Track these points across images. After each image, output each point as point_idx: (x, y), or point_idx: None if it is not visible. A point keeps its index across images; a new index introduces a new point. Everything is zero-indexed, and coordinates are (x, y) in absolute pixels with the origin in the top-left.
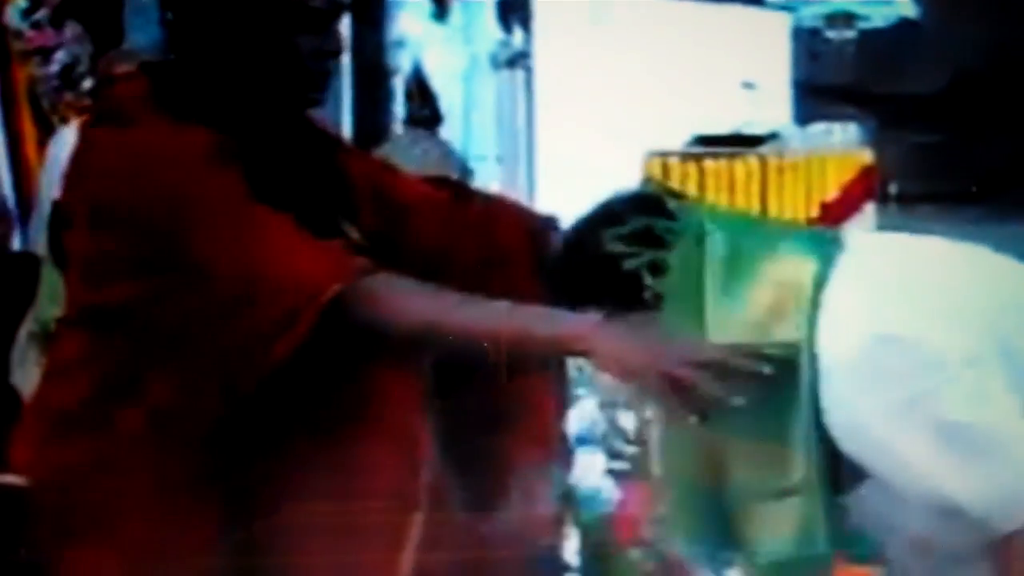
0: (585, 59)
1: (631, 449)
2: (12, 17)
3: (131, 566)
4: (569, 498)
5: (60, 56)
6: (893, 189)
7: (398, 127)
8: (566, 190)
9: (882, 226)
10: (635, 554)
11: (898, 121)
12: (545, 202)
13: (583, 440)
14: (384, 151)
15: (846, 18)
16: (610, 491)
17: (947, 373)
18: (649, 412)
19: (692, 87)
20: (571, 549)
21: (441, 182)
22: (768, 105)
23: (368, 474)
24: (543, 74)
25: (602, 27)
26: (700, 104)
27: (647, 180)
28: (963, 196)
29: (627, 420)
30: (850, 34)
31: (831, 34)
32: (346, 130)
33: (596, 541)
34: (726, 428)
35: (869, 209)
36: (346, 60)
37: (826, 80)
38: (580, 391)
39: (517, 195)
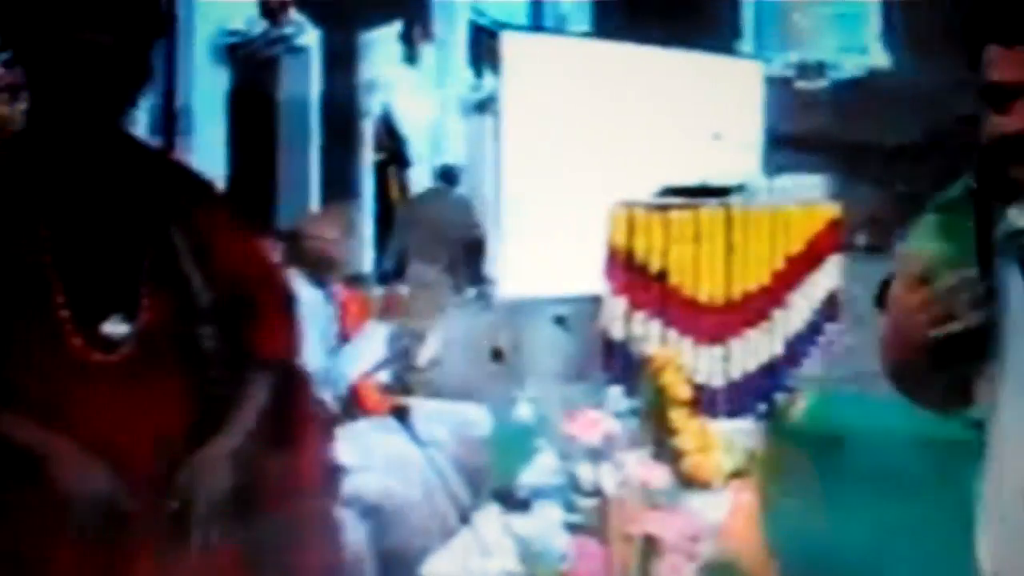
0: (554, 106)
1: (589, 502)
2: None
3: None
4: (527, 551)
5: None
6: (861, 240)
7: (368, 171)
8: (532, 236)
9: (851, 277)
10: None
11: (868, 172)
12: (510, 247)
13: (540, 493)
14: (409, 206)
15: (818, 68)
16: (565, 546)
17: None
18: (605, 466)
19: (663, 137)
20: None
21: None
22: (738, 155)
23: None
24: (511, 120)
25: (573, 74)
26: (670, 154)
27: None
28: None
29: (586, 472)
30: (822, 84)
31: (803, 84)
32: (314, 170)
33: None
34: None
35: (834, 261)
36: (316, 102)
37: (797, 130)
38: (539, 442)
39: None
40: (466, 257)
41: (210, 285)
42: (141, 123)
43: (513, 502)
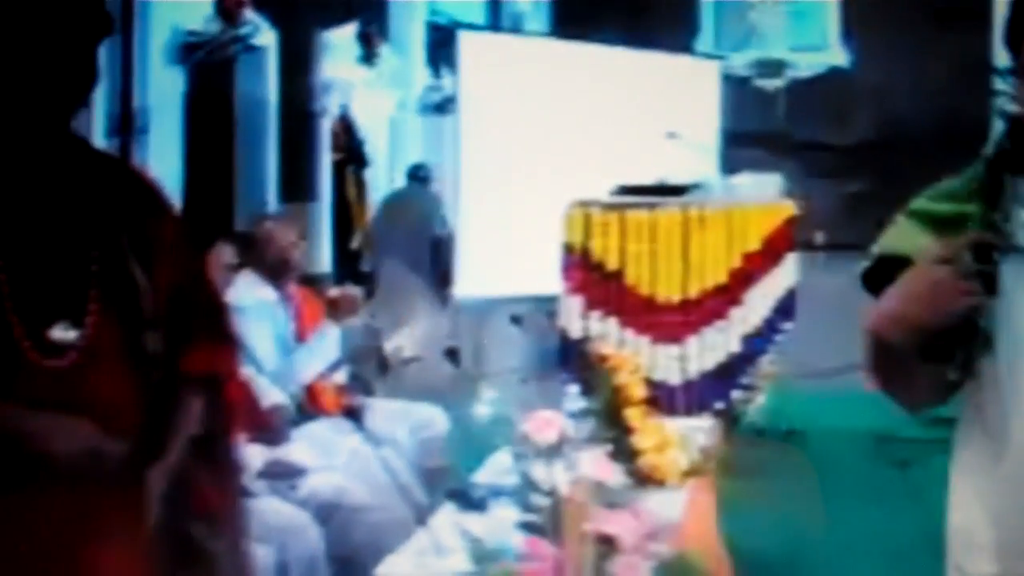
0: (512, 106)
1: (544, 502)
2: None
3: None
4: (478, 551)
5: None
6: (820, 238)
7: (326, 171)
8: (490, 236)
9: (807, 275)
10: None
11: (826, 170)
12: (468, 246)
13: (496, 493)
14: (383, 204)
15: (776, 67)
16: (519, 546)
17: None
18: (560, 466)
19: (619, 136)
20: None
21: None
22: (695, 154)
23: None
24: (469, 120)
25: (530, 74)
26: (627, 153)
27: None
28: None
29: (540, 472)
30: (779, 83)
31: (760, 83)
32: (272, 171)
33: None
34: None
35: (791, 259)
36: (273, 102)
37: (755, 128)
38: (495, 443)
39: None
40: (434, 256)
41: (155, 293)
42: (98, 124)
43: (469, 502)
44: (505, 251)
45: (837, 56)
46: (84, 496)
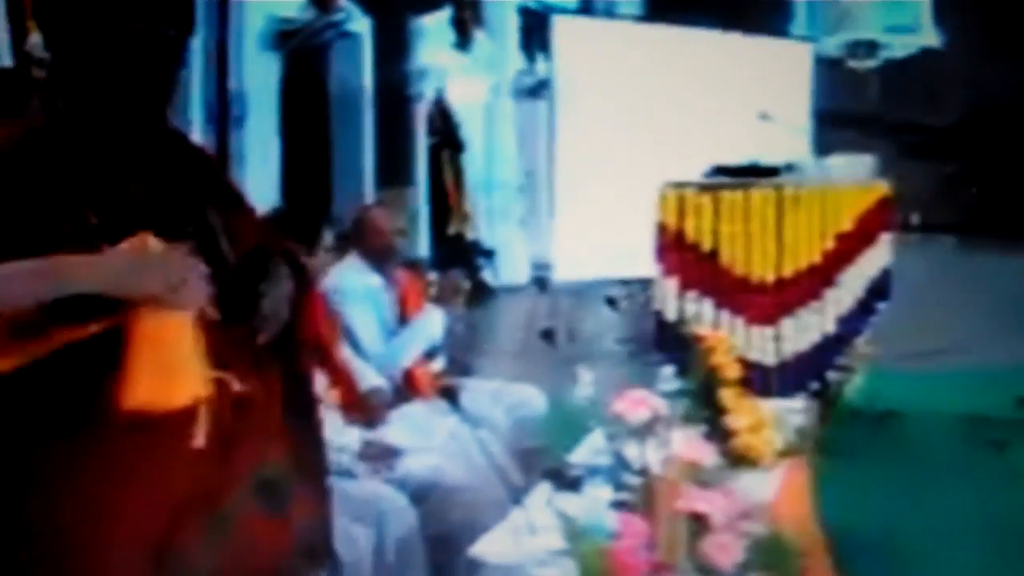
0: (606, 89)
1: (637, 480)
2: (33, 45)
3: None
4: (570, 529)
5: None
6: (915, 219)
7: (422, 156)
8: (584, 219)
9: (901, 256)
10: None
11: (919, 151)
12: (563, 230)
13: (591, 472)
14: None
15: (869, 47)
16: (612, 523)
17: None
18: (652, 445)
19: (713, 117)
20: None
21: None
22: (788, 135)
23: None
24: (563, 104)
25: (622, 56)
26: (720, 135)
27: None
28: (984, 226)
29: (632, 451)
30: (872, 64)
31: (853, 64)
32: (368, 156)
33: (593, 572)
34: None
35: (885, 239)
36: (368, 88)
37: (848, 110)
38: (590, 423)
39: (537, 223)
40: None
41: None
42: (195, 112)
43: (564, 481)
44: (600, 234)
45: (930, 37)
46: None
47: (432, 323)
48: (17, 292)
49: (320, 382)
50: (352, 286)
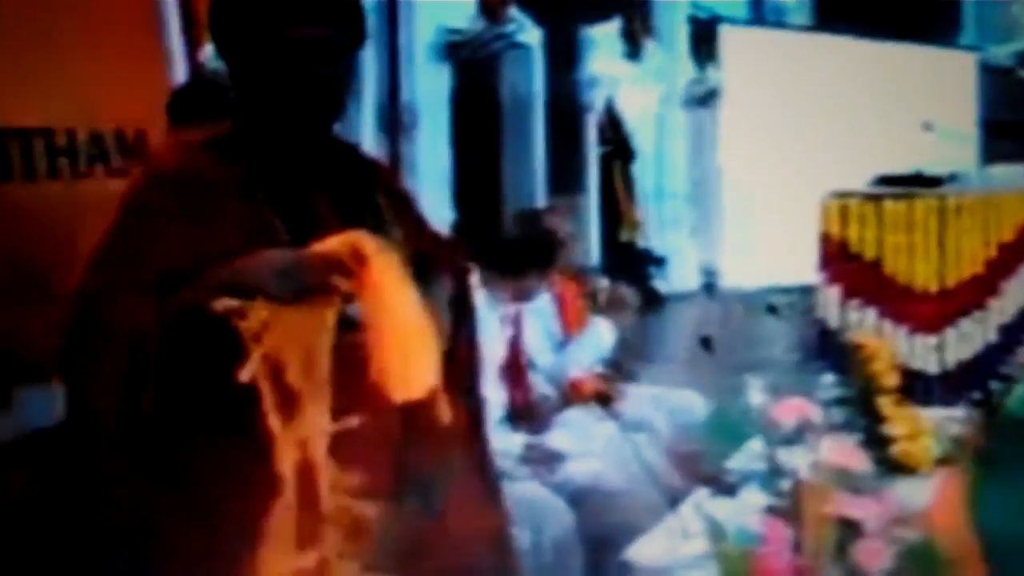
0: (773, 97)
1: (788, 485)
2: (208, 56)
3: None
4: (716, 532)
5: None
6: None
7: (593, 165)
8: (750, 228)
9: None
10: None
11: None
12: (730, 237)
13: (748, 478)
14: None
15: None
16: (758, 529)
17: None
18: (802, 450)
19: (878, 127)
20: None
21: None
22: (953, 144)
23: None
24: (731, 112)
25: (788, 66)
26: (885, 144)
27: None
28: None
29: (788, 458)
30: None
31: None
32: (539, 165)
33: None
34: None
35: None
36: (540, 97)
37: (1018, 119)
38: (749, 429)
39: (707, 232)
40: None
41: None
42: (368, 122)
43: (722, 487)
44: (765, 241)
45: None
46: None
47: (602, 336)
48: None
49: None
50: None
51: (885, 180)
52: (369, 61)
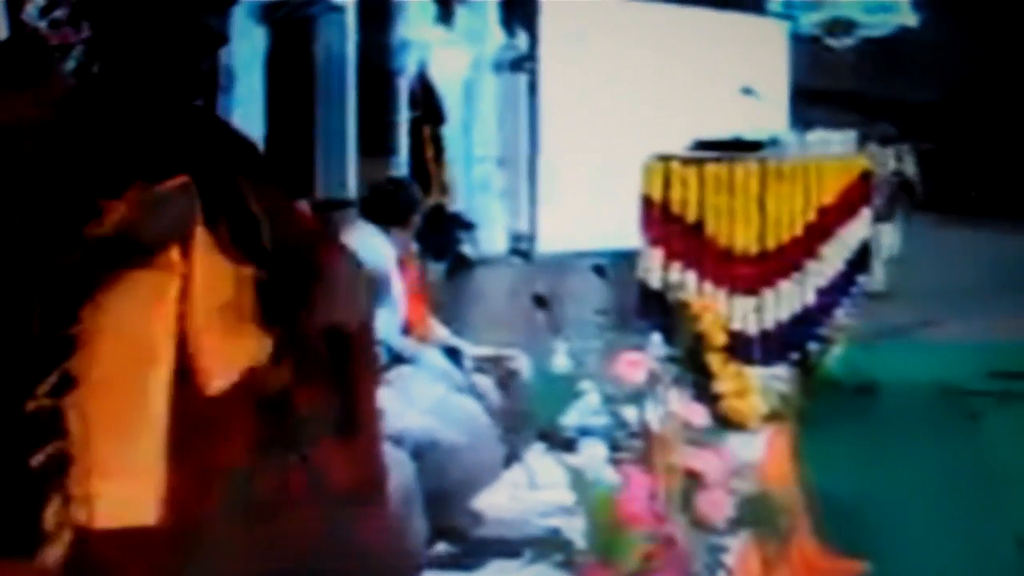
0: (588, 64)
1: (635, 443)
2: (30, 15)
3: None
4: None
5: (76, 53)
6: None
7: (403, 128)
8: (567, 193)
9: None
10: (637, 534)
11: (894, 128)
12: (548, 202)
13: (585, 433)
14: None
15: (846, 26)
16: (613, 476)
17: None
18: (650, 404)
19: (693, 92)
20: (577, 529)
21: None
22: (767, 111)
23: None
24: (546, 78)
25: (605, 32)
26: (701, 109)
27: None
28: (963, 202)
29: (630, 412)
30: (849, 42)
31: (831, 42)
32: (351, 127)
33: (601, 521)
34: None
35: (866, 214)
36: (351, 61)
37: (825, 86)
38: (583, 385)
39: (519, 197)
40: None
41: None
42: None
43: (558, 442)
44: (584, 206)
45: (907, 16)
46: None
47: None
48: None
49: None
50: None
51: (704, 145)
52: None
